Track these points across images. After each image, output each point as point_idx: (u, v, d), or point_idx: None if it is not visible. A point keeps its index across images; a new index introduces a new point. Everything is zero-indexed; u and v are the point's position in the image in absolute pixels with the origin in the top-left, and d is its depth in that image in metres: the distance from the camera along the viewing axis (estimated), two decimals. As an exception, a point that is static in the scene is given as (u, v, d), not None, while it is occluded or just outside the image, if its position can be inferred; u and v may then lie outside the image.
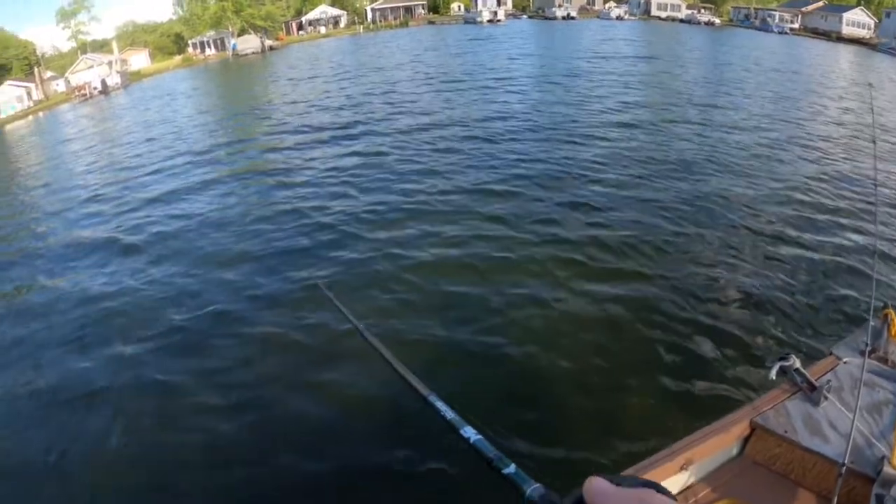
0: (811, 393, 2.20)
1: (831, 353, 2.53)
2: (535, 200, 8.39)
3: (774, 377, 2.23)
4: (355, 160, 11.74)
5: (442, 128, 13.85)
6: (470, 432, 0.68)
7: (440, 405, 0.76)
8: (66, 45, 61.01)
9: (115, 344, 5.81)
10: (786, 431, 2.06)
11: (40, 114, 38.47)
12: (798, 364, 2.24)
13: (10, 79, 44.25)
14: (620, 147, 11.29)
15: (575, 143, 11.70)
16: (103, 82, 40.15)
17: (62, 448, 4.40)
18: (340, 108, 18.27)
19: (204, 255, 7.71)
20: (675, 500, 0.37)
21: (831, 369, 2.38)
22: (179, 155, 14.85)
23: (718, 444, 2.11)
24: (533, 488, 0.51)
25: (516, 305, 5.57)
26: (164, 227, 9.31)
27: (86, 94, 39.64)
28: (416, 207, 8.54)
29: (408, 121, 15.11)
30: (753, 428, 2.17)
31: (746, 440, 2.21)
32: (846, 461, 1.86)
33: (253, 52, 52.15)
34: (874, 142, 3.89)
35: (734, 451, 2.23)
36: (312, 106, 19.73)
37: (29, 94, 41.64)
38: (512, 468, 0.57)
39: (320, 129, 15.60)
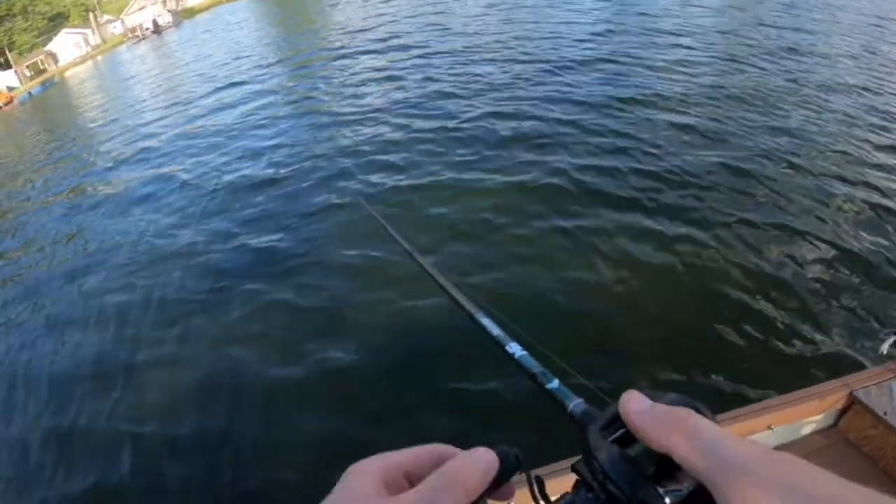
0: None
1: None
2: (599, 135, 6.94)
3: (885, 352, 1.99)
4: (406, 92, 9.93)
5: (503, 59, 11.17)
6: (515, 348, 0.64)
7: (486, 322, 0.71)
8: (123, -12, 60.23)
9: (172, 259, 5.97)
10: (885, 413, 1.89)
11: (98, 58, 38.06)
12: None
13: (67, 27, 43.78)
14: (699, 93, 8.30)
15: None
16: (154, 22, 38.99)
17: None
18: (391, 38, 15.33)
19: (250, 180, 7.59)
20: (715, 421, 0.35)
21: None
22: (219, 86, 14.48)
23: (811, 410, 2.00)
24: (575, 403, 0.50)
25: (577, 235, 5.02)
26: (212, 152, 9.23)
27: (138, 36, 38.53)
28: (465, 136, 7.47)
29: (468, 50, 12.38)
30: (851, 402, 2.00)
31: (841, 414, 2.05)
32: None
33: (305, -22, 49.00)
34: None
35: (826, 423, 2.08)
36: (360, 33, 17.26)
37: (86, 39, 41.21)
38: (555, 383, 0.55)
39: (367, 57, 13.59)
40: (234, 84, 14.11)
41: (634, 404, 0.38)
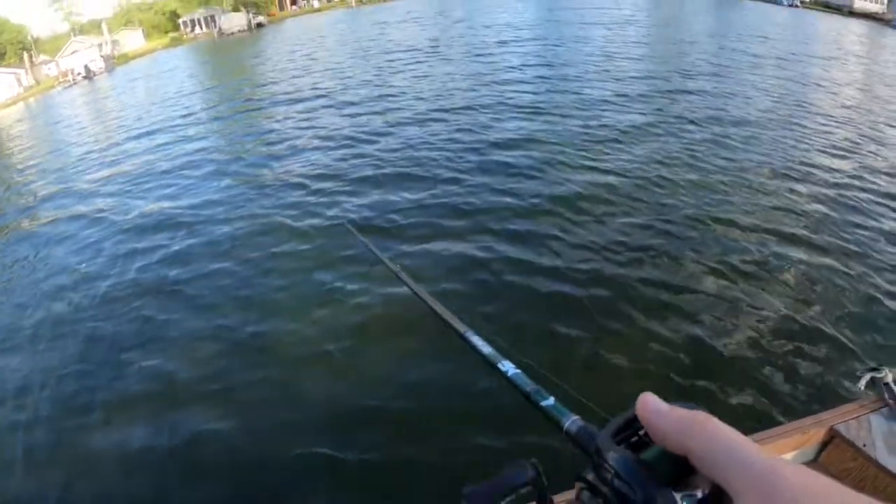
0: None
1: None
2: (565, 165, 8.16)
3: (862, 388, 2.13)
4: (323, 151, 10.57)
5: (420, 115, 12.46)
6: (508, 366, 0.68)
7: (476, 340, 0.76)
8: (64, 27, 61.40)
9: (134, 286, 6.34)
10: (864, 445, 1.94)
11: (31, 99, 39.13)
12: (890, 378, 2.10)
13: (2, 65, 44.90)
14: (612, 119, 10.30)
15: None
16: (86, 67, 40.60)
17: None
18: (312, 89, 17.34)
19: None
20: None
21: None
22: (138, 135, 15.47)
23: (792, 445, 2.02)
24: (571, 421, 0.52)
25: (566, 255, 5.57)
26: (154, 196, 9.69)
27: (69, 80, 40.14)
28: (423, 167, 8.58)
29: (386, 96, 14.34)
30: (832, 436, 2.05)
31: (822, 448, 2.09)
32: None
33: (239, 31, 51.96)
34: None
35: (807, 457, 2.11)
36: (283, 82, 19.65)
37: (19, 80, 42.23)
38: (550, 401, 0.58)
39: (286, 107, 15.25)
40: (151, 134, 15.11)
41: (652, 405, 0.38)
